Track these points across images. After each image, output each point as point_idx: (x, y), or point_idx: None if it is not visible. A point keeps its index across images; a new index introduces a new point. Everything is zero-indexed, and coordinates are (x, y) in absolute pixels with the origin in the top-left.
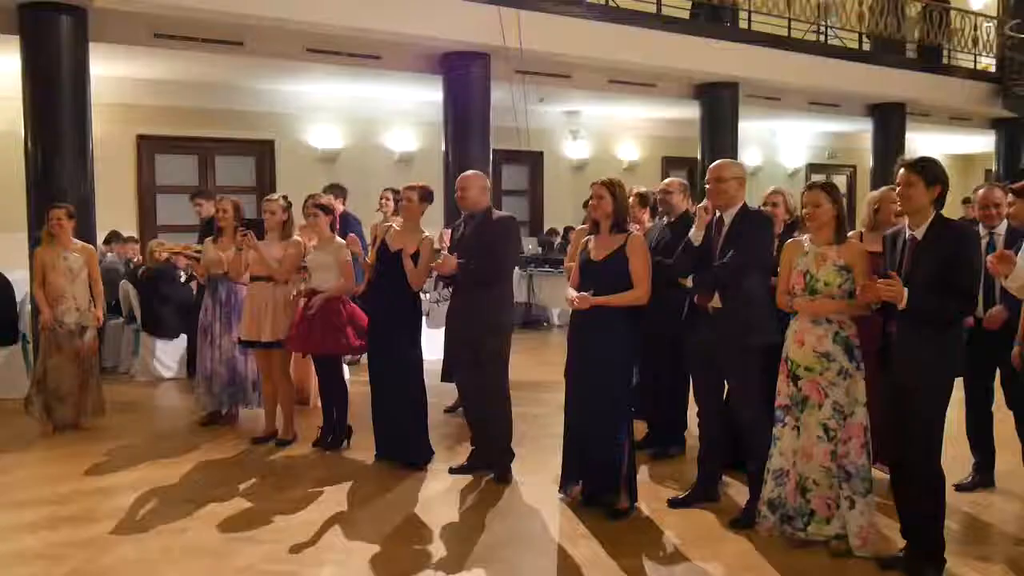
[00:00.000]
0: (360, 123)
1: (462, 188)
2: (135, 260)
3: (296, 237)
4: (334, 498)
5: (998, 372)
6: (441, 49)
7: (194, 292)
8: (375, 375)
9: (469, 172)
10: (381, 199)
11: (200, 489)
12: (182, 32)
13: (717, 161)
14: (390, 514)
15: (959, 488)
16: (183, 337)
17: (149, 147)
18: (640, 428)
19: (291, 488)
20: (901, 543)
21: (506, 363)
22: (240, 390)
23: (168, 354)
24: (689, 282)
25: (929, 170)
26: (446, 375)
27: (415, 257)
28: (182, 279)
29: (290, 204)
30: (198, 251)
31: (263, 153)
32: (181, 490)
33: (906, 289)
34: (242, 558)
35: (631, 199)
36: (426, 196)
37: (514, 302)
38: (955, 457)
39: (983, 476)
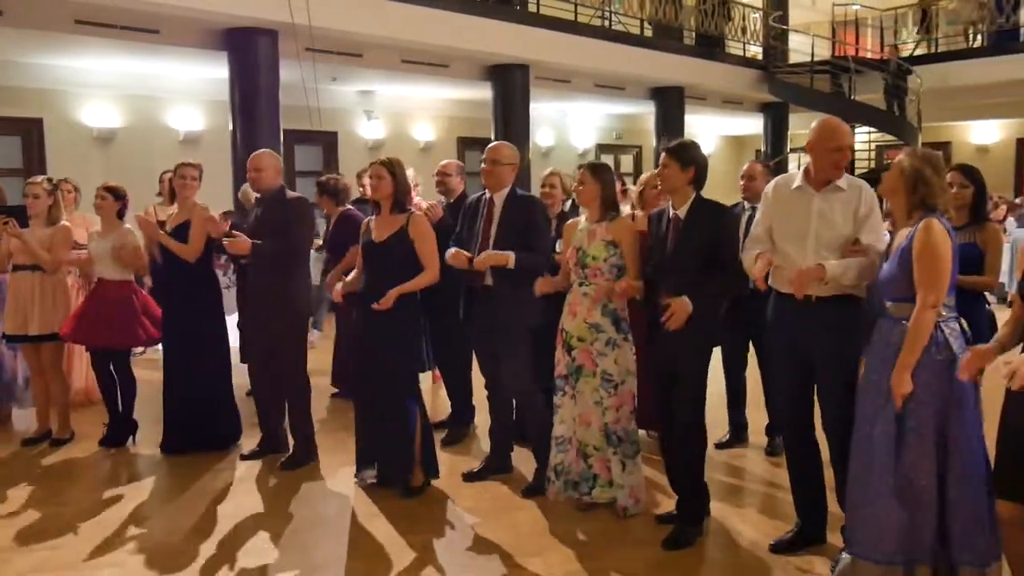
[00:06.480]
0: (140, 101)
1: (256, 168)
2: None
3: (64, 222)
4: (120, 498)
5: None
6: (224, 24)
7: None
8: (174, 361)
9: (262, 151)
10: (160, 181)
11: None
12: None
13: (494, 143)
14: (180, 508)
15: (718, 446)
16: None
17: None
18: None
19: (69, 491)
20: (671, 499)
21: (303, 347)
22: (6, 389)
23: None
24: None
25: (683, 153)
26: (244, 356)
27: (185, 228)
28: None
29: (55, 187)
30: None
31: (30, 132)
32: None
33: (684, 299)
34: (9, 570)
35: None
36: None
37: (310, 286)
38: (714, 418)
39: (739, 434)
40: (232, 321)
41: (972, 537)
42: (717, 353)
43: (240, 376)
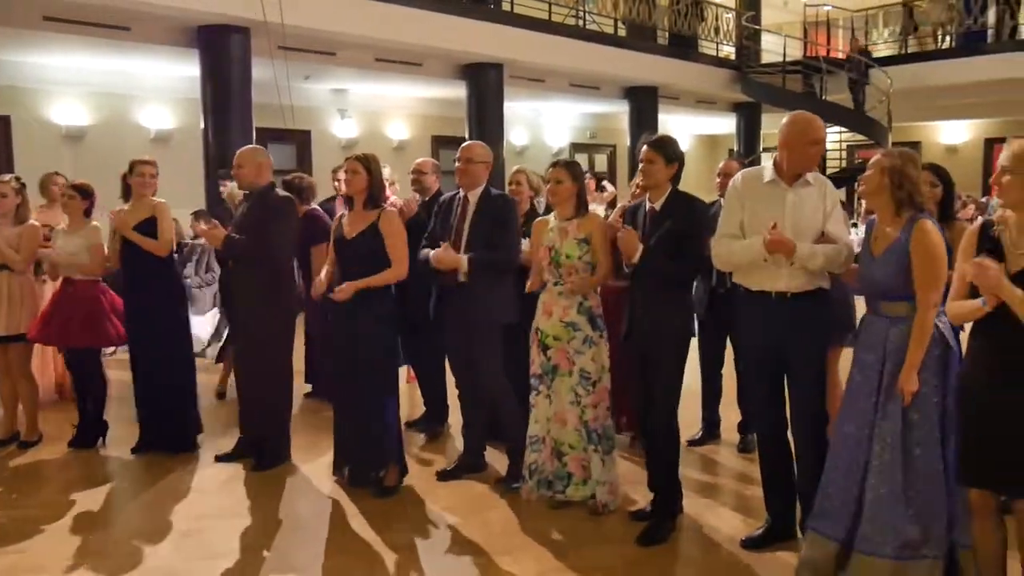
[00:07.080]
0: (110, 99)
1: (237, 164)
2: None
3: (33, 221)
4: (90, 500)
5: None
6: (196, 21)
7: None
8: (138, 359)
9: (246, 147)
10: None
11: None
12: None
13: (468, 143)
14: (152, 509)
15: (691, 443)
16: None
17: None
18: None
19: (38, 493)
20: (646, 496)
21: (287, 344)
22: None
23: None
24: None
25: (668, 149)
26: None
27: (152, 223)
28: None
29: (23, 186)
30: None
31: None
32: None
33: (641, 245)
34: None
35: None
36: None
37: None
38: (686, 415)
39: (711, 431)
40: (212, 319)
41: (967, 520)
42: (694, 351)
43: (210, 376)
